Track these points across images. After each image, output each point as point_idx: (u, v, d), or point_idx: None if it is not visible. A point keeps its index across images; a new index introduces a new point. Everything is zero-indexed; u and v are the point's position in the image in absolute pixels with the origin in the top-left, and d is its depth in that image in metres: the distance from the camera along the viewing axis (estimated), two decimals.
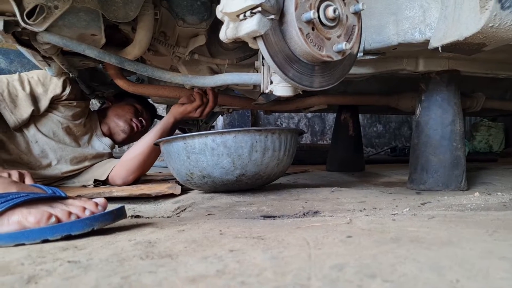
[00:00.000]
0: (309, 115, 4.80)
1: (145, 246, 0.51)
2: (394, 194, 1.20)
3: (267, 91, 0.86)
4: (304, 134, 5.02)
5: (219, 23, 1.28)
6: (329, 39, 0.75)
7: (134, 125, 1.63)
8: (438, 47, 0.95)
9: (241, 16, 0.71)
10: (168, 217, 0.88)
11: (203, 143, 1.08)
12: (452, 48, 0.92)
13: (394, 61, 1.31)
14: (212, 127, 2.28)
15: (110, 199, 1.21)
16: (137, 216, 0.87)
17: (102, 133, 1.58)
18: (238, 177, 1.12)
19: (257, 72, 1.22)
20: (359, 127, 2.21)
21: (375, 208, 0.95)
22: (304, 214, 0.83)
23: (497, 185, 1.44)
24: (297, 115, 4.66)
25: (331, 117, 5.03)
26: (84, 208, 0.64)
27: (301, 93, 0.84)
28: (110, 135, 1.61)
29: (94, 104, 2.11)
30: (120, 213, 0.69)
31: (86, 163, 1.48)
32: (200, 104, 1.38)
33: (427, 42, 1.05)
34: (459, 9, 0.88)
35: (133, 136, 1.66)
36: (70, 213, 0.62)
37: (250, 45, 0.75)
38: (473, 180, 1.49)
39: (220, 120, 4.02)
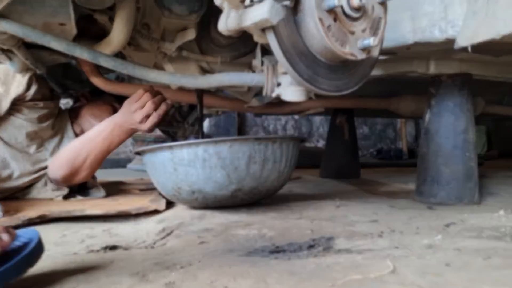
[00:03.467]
0: (296, 116, 4.69)
1: None
2: (406, 210, 1.08)
3: (273, 95, 0.72)
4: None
5: (211, 15, 1.14)
6: (353, 33, 0.61)
7: None
8: (466, 47, 0.82)
9: (247, 2, 0.56)
10: (151, 247, 0.72)
11: (193, 154, 0.93)
12: (484, 48, 0.80)
13: (404, 62, 1.19)
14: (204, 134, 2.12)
15: (83, 219, 1.04)
16: (112, 248, 0.71)
17: (74, 134, 1.40)
18: (234, 192, 0.97)
19: (254, 71, 1.08)
20: (355, 131, 2.10)
21: (394, 231, 0.82)
22: (316, 243, 0.69)
23: (506, 196, 1.35)
24: (284, 116, 4.54)
25: (317, 119, 4.93)
26: None
27: (313, 97, 0.70)
28: None
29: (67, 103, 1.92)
30: (29, 260, 0.47)
31: None
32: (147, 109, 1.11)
33: (448, 41, 0.93)
34: (494, 3, 0.76)
35: None
36: None
37: (255, 38, 0.61)
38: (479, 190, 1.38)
39: (205, 121, 3.86)
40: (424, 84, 1.45)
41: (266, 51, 1.07)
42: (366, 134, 5.51)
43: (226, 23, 0.62)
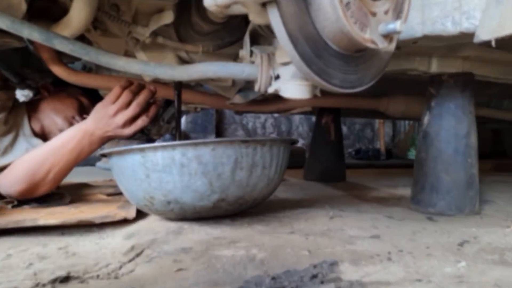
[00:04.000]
0: (275, 114, 4.58)
1: None
2: (405, 222, 0.98)
3: (270, 90, 0.59)
4: (271, 135, 4.79)
5: None
6: (374, 14, 0.49)
7: (76, 123, 1.27)
8: (489, 41, 0.72)
9: None
10: (115, 277, 0.58)
11: (169, 158, 0.78)
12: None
13: (405, 59, 1.08)
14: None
15: (35, 230, 0.88)
16: (65, 280, 0.56)
17: (32, 132, 1.22)
18: (216, 202, 0.83)
19: (241, 60, 0.94)
20: (341, 132, 2.00)
21: (402, 251, 0.71)
22: (319, 272, 0.57)
23: (502, 204, 1.28)
24: (264, 114, 4.42)
25: (297, 118, 4.85)
26: None
27: (318, 95, 0.58)
28: (43, 134, 1.25)
29: (27, 95, 1.72)
30: None
31: None
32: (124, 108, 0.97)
33: (462, 35, 0.83)
34: None
35: None
36: None
37: (251, 17, 0.48)
38: None
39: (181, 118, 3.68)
40: (414, 83, 1.35)
41: (255, 40, 0.94)
42: (345, 134, 5.48)
43: None
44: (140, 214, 0.99)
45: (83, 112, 1.30)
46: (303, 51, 0.47)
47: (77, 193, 1.35)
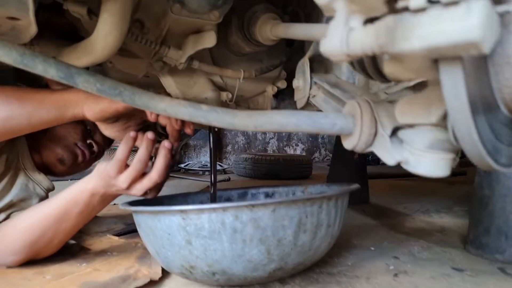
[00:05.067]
0: None
1: None
2: (482, 278, 0.83)
3: (390, 162, 0.43)
4: (271, 140, 4.64)
5: (232, 11, 0.83)
6: None
7: (79, 152, 1.08)
8: None
9: (419, 3, 0.27)
10: None
11: (219, 222, 0.62)
12: None
13: None
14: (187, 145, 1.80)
15: None
16: None
17: (34, 165, 1.03)
18: (272, 272, 0.67)
19: (297, 92, 0.78)
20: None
21: None
22: None
23: None
24: None
25: None
26: None
27: (453, 167, 0.42)
28: (45, 167, 1.07)
29: None
30: None
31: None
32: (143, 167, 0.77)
33: None
34: None
35: (76, 167, 1.13)
36: None
37: (410, 74, 0.32)
38: None
39: None
40: None
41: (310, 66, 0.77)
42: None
43: (346, 41, 0.32)
44: (165, 271, 0.83)
45: (88, 136, 1.12)
46: (481, 125, 0.32)
47: (81, 231, 1.17)
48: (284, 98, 1.08)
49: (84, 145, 1.10)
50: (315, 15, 0.92)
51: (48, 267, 0.84)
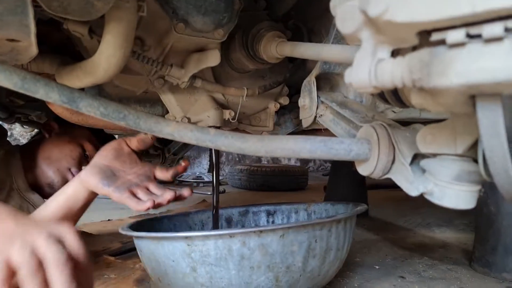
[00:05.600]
0: None
1: None
2: None
3: (413, 193, 0.41)
4: None
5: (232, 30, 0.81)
6: None
7: (70, 178, 1.01)
8: None
9: (455, 37, 0.25)
10: None
11: (225, 248, 0.60)
12: None
13: None
14: (182, 158, 1.77)
15: None
16: None
17: (28, 185, 0.99)
18: None
19: (303, 111, 0.76)
20: None
21: None
22: None
23: None
24: None
25: None
26: None
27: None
28: (37, 187, 1.02)
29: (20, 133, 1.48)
30: None
31: None
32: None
33: None
34: None
35: None
36: None
37: (443, 107, 0.31)
38: None
39: None
40: None
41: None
42: None
43: (375, 73, 0.30)
44: None
45: (84, 161, 1.07)
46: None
47: None
48: (285, 113, 1.06)
49: (78, 171, 1.04)
50: (316, 30, 0.90)
51: None
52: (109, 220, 1.65)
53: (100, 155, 0.68)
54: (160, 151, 1.76)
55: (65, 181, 1.00)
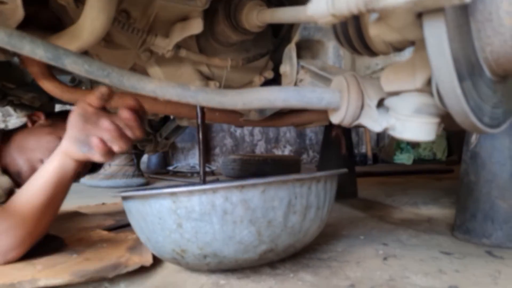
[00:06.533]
0: None
1: None
2: (469, 260, 0.85)
3: (376, 128, 0.44)
4: (259, 142, 4.65)
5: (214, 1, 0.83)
6: None
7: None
8: None
9: None
10: None
11: (209, 204, 0.62)
12: None
13: None
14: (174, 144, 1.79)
15: None
16: None
17: (1, 168, 0.97)
18: (263, 254, 0.68)
19: (284, 78, 0.79)
20: (352, 145, 1.87)
21: None
22: None
23: None
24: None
25: None
26: None
27: (436, 135, 0.43)
28: (8, 174, 1.00)
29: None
30: None
31: None
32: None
33: None
34: None
35: None
36: None
37: (389, 35, 0.33)
38: None
39: None
40: None
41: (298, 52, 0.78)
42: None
43: (332, 1, 0.32)
44: (157, 258, 0.82)
45: None
46: (465, 84, 0.33)
47: (71, 228, 1.16)
48: None
49: None
50: (300, 2, 0.93)
51: (38, 259, 0.82)
52: (103, 203, 1.67)
53: (71, 125, 0.69)
54: (152, 136, 1.78)
55: (33, 172, 0.88)
